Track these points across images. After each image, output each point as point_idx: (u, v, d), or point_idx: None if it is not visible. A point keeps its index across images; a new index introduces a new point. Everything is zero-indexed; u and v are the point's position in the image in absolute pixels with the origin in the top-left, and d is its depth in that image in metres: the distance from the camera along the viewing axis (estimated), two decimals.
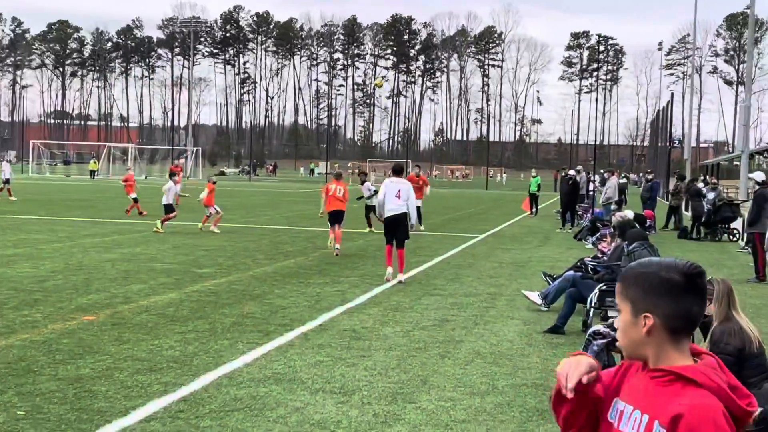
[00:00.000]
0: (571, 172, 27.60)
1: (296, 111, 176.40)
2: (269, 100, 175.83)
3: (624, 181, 34.58)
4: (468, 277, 14.11)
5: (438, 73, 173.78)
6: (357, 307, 10.75)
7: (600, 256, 11.93)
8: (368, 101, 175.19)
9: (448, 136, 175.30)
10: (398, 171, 13.95)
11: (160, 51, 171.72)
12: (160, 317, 9.63)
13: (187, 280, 12.65)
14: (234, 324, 9.38)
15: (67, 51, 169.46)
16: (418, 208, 23.24)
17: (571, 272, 10.88)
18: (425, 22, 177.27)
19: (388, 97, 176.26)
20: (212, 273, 13.53)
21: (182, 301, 10.73)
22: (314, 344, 8.48)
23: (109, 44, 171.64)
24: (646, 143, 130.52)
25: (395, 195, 13.41)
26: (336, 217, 17.14)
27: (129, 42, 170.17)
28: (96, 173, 68.01)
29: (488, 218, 30.53)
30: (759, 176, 15.39)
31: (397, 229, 13.35)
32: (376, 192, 20.12)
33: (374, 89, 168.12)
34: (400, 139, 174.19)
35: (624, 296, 2.00)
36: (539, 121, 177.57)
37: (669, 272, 1.93)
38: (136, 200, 26.85)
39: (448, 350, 8.45)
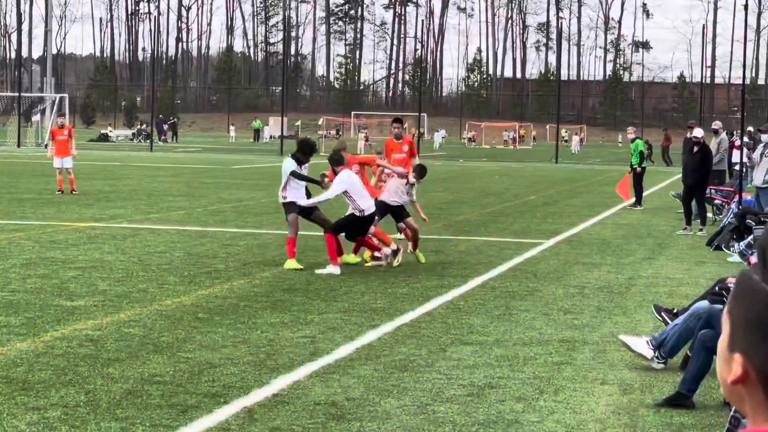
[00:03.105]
0: (699, 132, 27.40)
1: (230, 31, 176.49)
2: (184, 13, 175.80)
3: None
4: (526, 311, 14.16)
5: None
6: (338, 365, 10.79)
7: None
8: (353, 13, 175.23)
9: (491, 71, 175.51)
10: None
11: None
12: (1, 383, 9.65)
13: (48, 319, 12.67)
14: (128, 394, 9.41)
15: None
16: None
17: (704, 303, 10.90)
18: None
19: (386, 7, 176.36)
20: (90, 307, 13.54)
21: (39, 356, 10.75)
22: (265, 427, 8.51)
23: None
24: None
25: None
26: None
27: None
28: None
29: (560, 211, 30.62)
30: None
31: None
32: None
33: None
34: (408, 78, 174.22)
35: (729, 309, 2.05)
36: (647, 46, 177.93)
37: None
38: None
39: None
